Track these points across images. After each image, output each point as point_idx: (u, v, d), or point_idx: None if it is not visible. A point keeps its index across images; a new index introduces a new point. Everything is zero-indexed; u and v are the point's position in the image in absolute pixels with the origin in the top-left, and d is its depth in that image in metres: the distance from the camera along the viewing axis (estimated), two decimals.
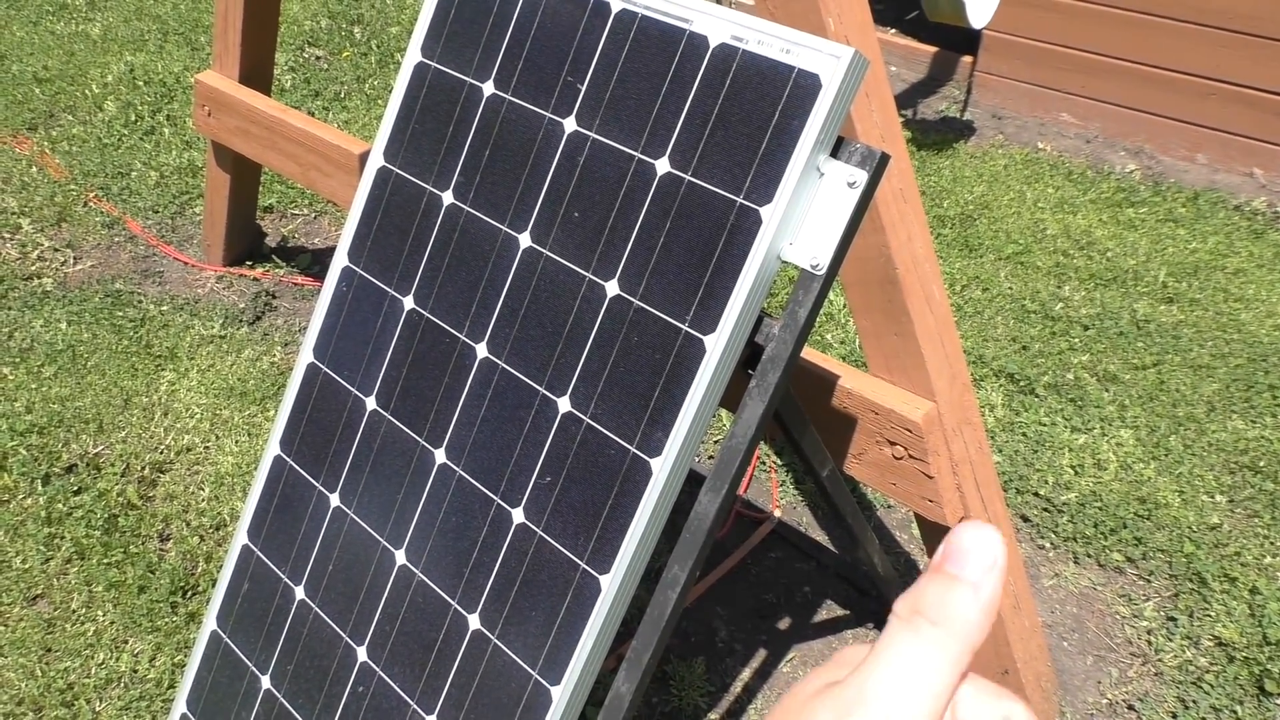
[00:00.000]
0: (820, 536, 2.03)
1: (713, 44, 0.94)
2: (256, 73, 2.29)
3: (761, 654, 1.79)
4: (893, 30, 4.14)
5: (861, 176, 0.90)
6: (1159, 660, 1.79)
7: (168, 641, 1.73)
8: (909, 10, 3.81)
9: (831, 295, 2.63)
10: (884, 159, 0.90)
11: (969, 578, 0.34)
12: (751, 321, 0.94)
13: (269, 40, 2.29)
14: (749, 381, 0.96)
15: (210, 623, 1.31)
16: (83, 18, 4.05)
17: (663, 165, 0.97)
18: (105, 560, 1.84)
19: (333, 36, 3.94)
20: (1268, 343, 2.54)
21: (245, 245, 2.71)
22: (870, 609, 1.87)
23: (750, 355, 0.97)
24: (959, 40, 3.76)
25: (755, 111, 0.92)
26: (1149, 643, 1.82)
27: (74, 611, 1.77)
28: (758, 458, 2.19)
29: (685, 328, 0.94)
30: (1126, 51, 3.33)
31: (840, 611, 1.87)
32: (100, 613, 1.77)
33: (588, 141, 1.02)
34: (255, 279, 2.66)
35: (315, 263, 2.75)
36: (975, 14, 3.06)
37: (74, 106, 3.38)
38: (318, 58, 3.80)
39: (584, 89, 1.02)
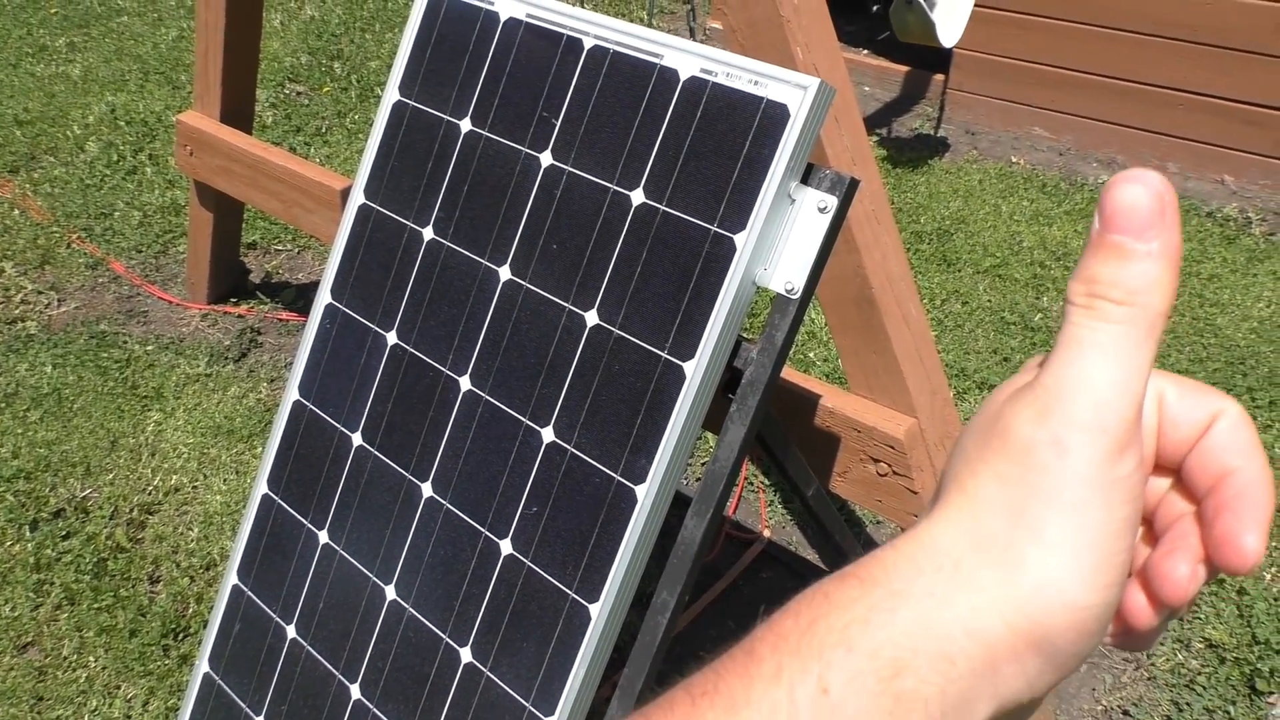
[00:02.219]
0: (810, 555, 2.04)
1: (683, 77, 0.96)
2: (238, 111, 2.30)
3: None
4: (865, 51, 4.19)
5: (832, 201, 0.92)
6: (1151, 665, 1.80)
7: (161, 685, 1.72)
8: (881, 31, 3.87)
9: (815, 315, 2.65)
10: (853, 184, 0.92)
11: (1138, 240, 0.31)
12: (729, 347, 0.95)
13: (249, 79, 2.31)
14: (730, 405, 0.98)
15: (203, 665, 1.31)
16: (63, 59, 4.07)
17: (638, 196, 0.98)
18: (95, 605, 1.84)
19: (313, 72, 3.96)
20: (1244, 346, 2.57)
21: (229, 282, 2.72)
22: None
23: (730, 379, 0.98)
24: (931, 59, 3.81)
25: (726, 142, 0.94)
26: None
27: (65, 658, 1.76)
28: (744, 479, 2.21)
29: (665, 355, 0.96)
30: (1095, 65, 3.38)
31: None
32: (92, 658, 1.76)
33: (564, 175, 1.03)
34: (240, 316, 2.67)
35: (300, 298, 2.76)
36: (945, 33, 3.10)
37: (55, 148, 3.39)
38: (299, 93, 3.82)
39: (559, 124, 1.04)
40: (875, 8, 3.92)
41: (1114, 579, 0.31)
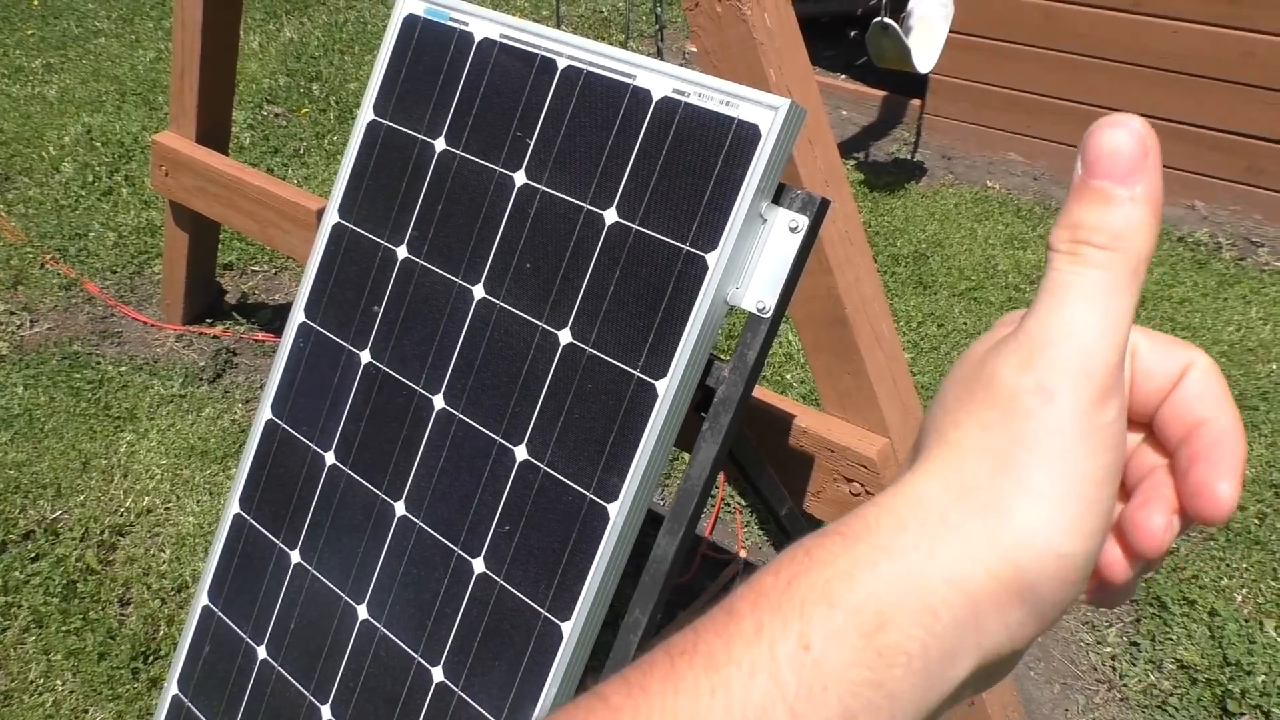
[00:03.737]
0: None
1: (655, 97, 0.97)
2: (214, 132, 2.30)
3: None
4: (843, 76, 4.23)
5: (803, 221, 0.93)
6: (1124, 685, 1.81)
7: (129, 709, 1.69)
8: (858, 56, 3.91)
9: (793, 337, 2.66)
10: (824, 204, 0.93)
11: (1121, 184, 0.31)
12: (701, 365, 0.96)
13: (226, 100, 2.31)
14: (702, 424, 0.98)
15: (172, 687, 1.29)
16: (39, 80, 4.05)
17: (611, 215, 0.99)
18: (64, 628, 1.81)
19: (291, 94, 3.97)
20: None
21: (205, 303, 2.70)
22: None
23: (702, 398, 0.99)
24: (907, 84, 3.86)
25: (698, 162, 0.94)
26: (1114, 668, 1.84)
27: (32, 682, 1.73)
28: (721, 499, 2.21)
29: (637, 373, 0.96)
30: (1069, 92, 3.43)
31: None
32: (59, 682, 1.73)
33: (538, 194, 1.04)
34: (215, 336, 2.65)
35: (276, 318, 2.74)
36: (920, 59, 3.14)
37: (30, 168, 3.37)
38: (276, 115, 3.82)
39: (533, 143, 1.05)
40: (853, 33, 3.98)
41: (1097, 527, 0.31)
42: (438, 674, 1.05)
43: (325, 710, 1.14)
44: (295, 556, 1.19)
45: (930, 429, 0.35)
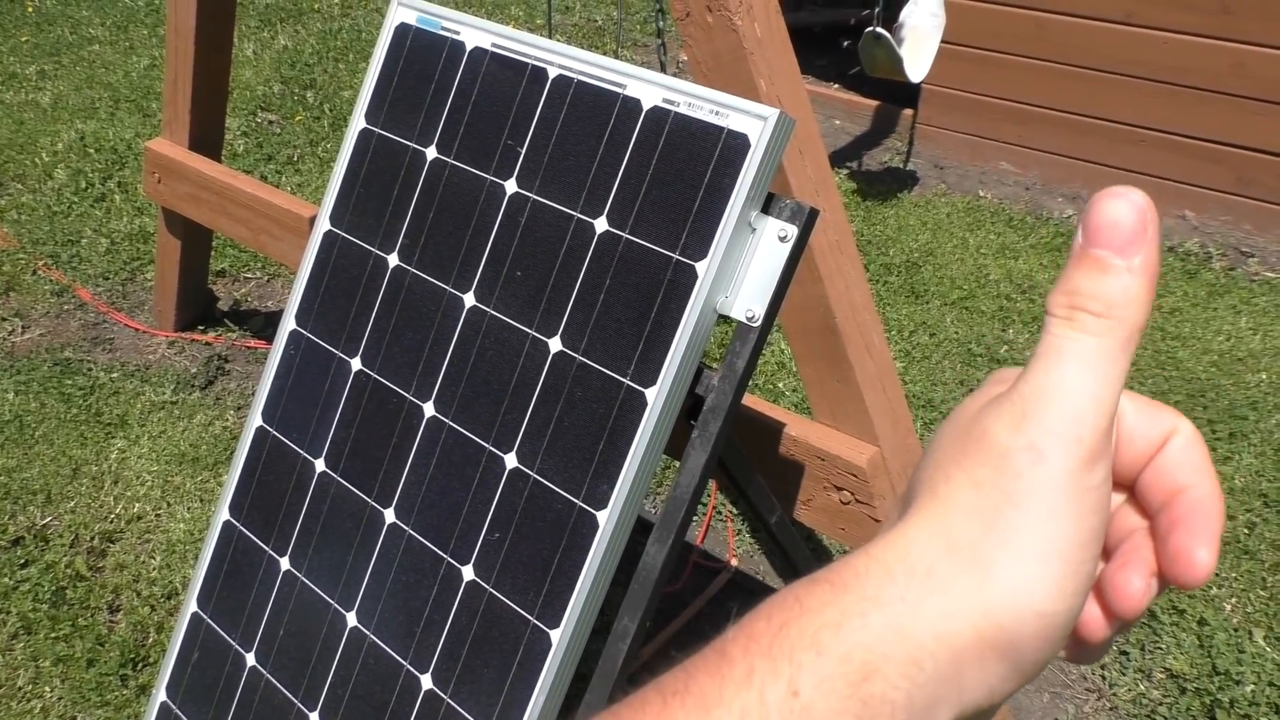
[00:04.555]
0: (777, 584, 2.04)
1: (646, 107, 0.98)
2: (207, 138, 2.30)
3: None
4: (836, 85, 4.25)
5: (792, 231, 0.93)
6: (1113, 695, 1.81)
7: (118, 716, 1.69)
8: (851, 65, 3.93)
9: (785, 346, 2.67)
10: (813, 213, 0.94)
11: (1119, 255, 0.32)
12: (691, 373, 0.96)
13: (219, 106, 2.31)
14: (692, 432, 0.98)
15: (160, 694, 1.29)
16: (33, 87, 4.05)
17: (601, 224, 0.99)
18: (53, 634, 1.81)
19: (285, 101, 3.97)
20: (1205, 379, 2.61)
21: (197, 310, 2.70)
22: None
23: (692, 406, 0.99)
24: (900, 94, 3.87)
25: (688, 171, 0.95)
26: (1103, 678, 1.85)
27: (20, 689, 1.73)
28: (713, 507, 2.21)
29: (627, 381, 0.96)
30: (1060, 102, 3.45)
31: None
32: (47, 689, 1.73)
33: (528, 203, 1.04)
34: (207, 343, 2.65)
35: (268, 325, 2.74)
36: (912, 69, 3.16)
37: (23, 175, 3.37)
38: (270, 122, 3.82)
39: (524, 152, 1.05)
40: (845, 43, 4.00)
41: (1080, 587, 0.32)
42: (426, 681, 1.05)
43: (313, 717, 1.14)
44: (285, 563, 1.19)
45: (921, 481, 0.35)
